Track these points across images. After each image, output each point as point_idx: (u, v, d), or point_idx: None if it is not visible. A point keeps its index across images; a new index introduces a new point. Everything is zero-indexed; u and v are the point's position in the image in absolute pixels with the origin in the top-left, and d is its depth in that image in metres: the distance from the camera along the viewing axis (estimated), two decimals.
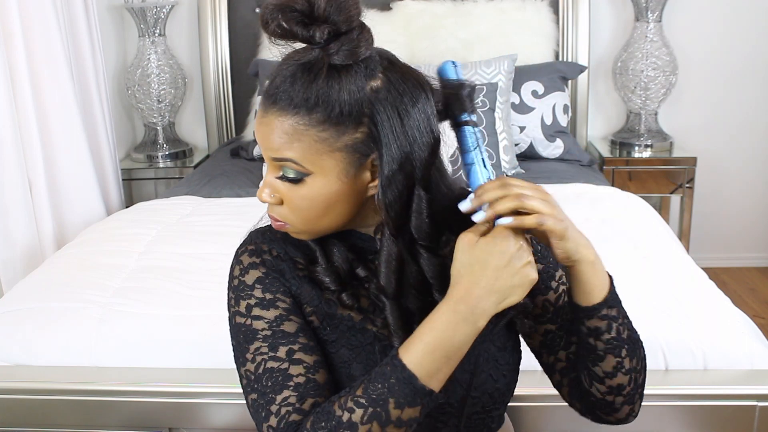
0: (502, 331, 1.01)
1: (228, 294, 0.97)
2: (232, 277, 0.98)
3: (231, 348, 0.96)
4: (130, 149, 3.30)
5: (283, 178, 0.90)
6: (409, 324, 0.90)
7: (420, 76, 0.90)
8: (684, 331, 1.50)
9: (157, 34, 3.12)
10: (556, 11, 3.06)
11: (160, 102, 3.16)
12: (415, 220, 0.89)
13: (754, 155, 3.29)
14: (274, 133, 0.87)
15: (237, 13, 3.21)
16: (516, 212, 0.85)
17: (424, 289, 0.92)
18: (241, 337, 0.93)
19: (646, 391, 1.43)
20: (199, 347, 1.55)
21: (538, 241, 1.02)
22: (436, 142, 0.89)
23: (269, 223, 1.01)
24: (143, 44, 3.13)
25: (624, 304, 1.18)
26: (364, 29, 0.86)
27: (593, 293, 0.93)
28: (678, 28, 3.13)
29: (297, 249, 0.98)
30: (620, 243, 1.88)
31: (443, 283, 0.89)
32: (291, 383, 0.89)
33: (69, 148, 2.48)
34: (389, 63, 0.89)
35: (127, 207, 2.62)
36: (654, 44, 2.99)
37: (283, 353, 0.90)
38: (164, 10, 3.09)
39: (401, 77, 0.88)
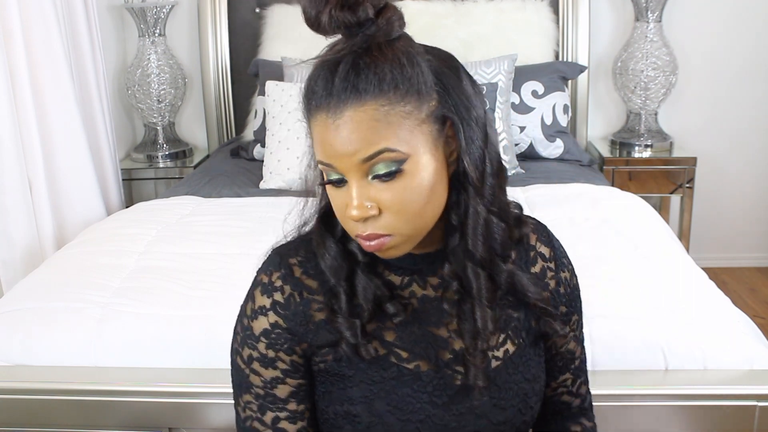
0: (534, 361, 0.99)
1: (236, 325, 0.97)
2: (243, 313, 0.96)
3: (230, 349, 0.98)
4: (130, 149, 3.30)
5: (377, 178, 0.83)
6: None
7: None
8: (684, 331, 1.50)
9: (157, 34, 3.12)
10: (556, 11, 3.06)
11: (160, 102, 3.16)
12: (489, 181, 0.89)
13: (754, 155, 3.29)
14: (359, 128, 0.81)
15: (237, 13, 3.21)
16: None
17: (505, 258, 0.92)
18: (238, 380, 0.96)
19: (646, 392, 1.44)
20: (199, 347, 1.55)
21: (569, 282, 1.03)
22: (485, 105, 0.90)
23: (290, 239, 0.97)
24: (143, 44, 3.13)
25: (624, 304, 1.20)
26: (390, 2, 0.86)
27: None
28: (678, 28, 3.13)
29: (316, 283, 0.93)
30: (620, 243, 1.88)
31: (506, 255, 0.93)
32: None
33: (69, 148, 2.48)
34: None
35: (127, 207, 2.62)
36: (654, 44, 2.99)
37: (269, 419, 0.94)
38: (164, 10, 3.10)
39: (427, 45, 0.90)
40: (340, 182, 0.85)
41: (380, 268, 0.94)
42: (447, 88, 0.86)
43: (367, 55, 0.81)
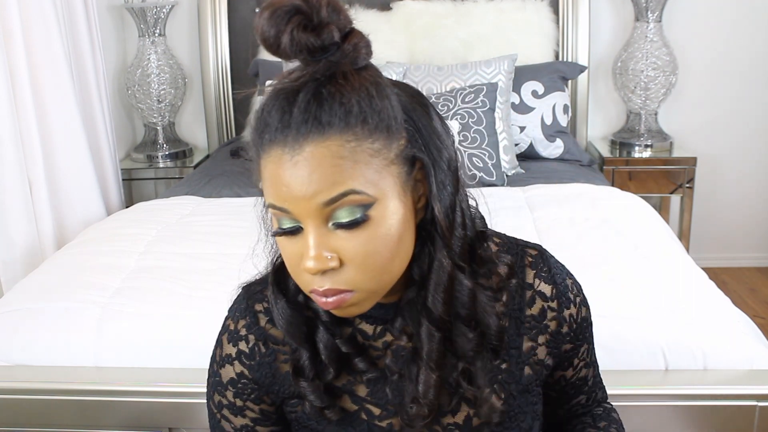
0: (526, 409, 0.91)
1: (209, 367, 0.94)
2: (213, 357, 0.93)
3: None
4: (130, 149, 3.30)
5: (338, 226, 0.73)
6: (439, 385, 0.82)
7: None
8: (684, 331, 1.50)
9: (157, 34, 3.12)
10: (556, 11, 3.06)
11: (160, 102, 3.16)
12: (459, 232, 0.80)
13: (754, 155, 3.29)
14: (321, 166, 0.70)
15: (237, 13, 3.21)
16: None
17: (469, 323, 0.82)
18: (212, 422, 0.95)
19: (646, 392, 1.43)
20: (199, 347, 1.54)
21: (575, 318, 0.93)
22: (455, 146, 0.82)
23: (259, 276, 0.92)
24: (143, 44, 3.13)
25: (624, 304, 1.15)
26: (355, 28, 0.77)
27: None
28: (678, 28, 3.13)
29: (281, 333, 0.87)
30: (620, 243, 1.88)
31: (473, 319, 0.82)
32: None
33: (69, 148, 2.48)
34: None
35: (127, 207, 2.62)
36: (654, 44, 2.99)
37: None
38: (164, 10, 3.10)
39: (393, 79, 0.83)
40: (295, 231, 0.74)
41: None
42: (417, 126, 0.78)
43: (331, 83, 0.72)
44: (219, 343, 0.92)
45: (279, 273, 0.86)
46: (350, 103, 0.72)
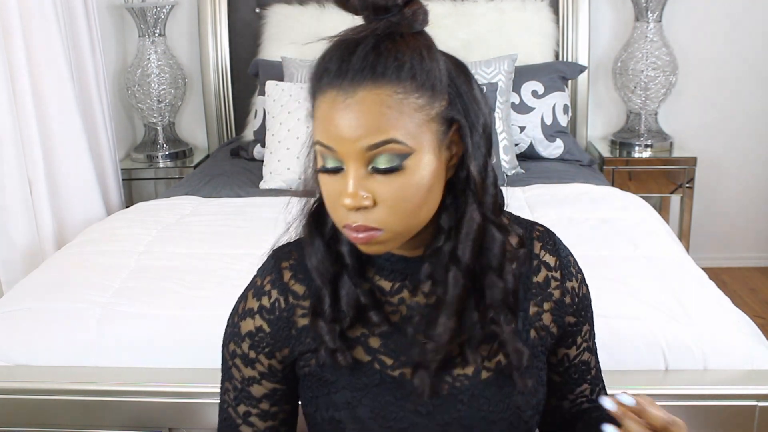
0: (530, 372, 0.94)
1: (229, 318, 0.99)
2: (236, 310, 0.98)
3: (223, 335, 1.02)
4: (130, 149, 3.30)
5: (376, 170, 0.80)
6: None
7: None
8: (684, 331, 1.50)
9: (157, 34, 3.12)
10: (556, 11, 3.06)
11: (160, 102, 3.16)
12: (491, 190, 0.88)
13: (754, 155, 3.30)
14: (370, 111, 0.78)
15: (237, 13, 3.21)
16: None
17: (500, 272, 0.89)
18: (224, 367, 1.00)
19: (646, 392, 1.43)
20: (199, 347, 1.55)
21: (576, 291, 0.99)
22: (491, 112, 0.90)
23: (291, 240, 0.96)
24: (143, 44, 3.13)
25: (624, 304, 1.15)
26: None
27: None
28: (678, 28, 3.13)
29: (303, 288, 0.93)
30: (620, 243, 1.88)
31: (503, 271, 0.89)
32: None
33: (69, 148, 2.48)
34: None
35: (127, 207, 2.62)
36: (654, 44, 2.99)
37: (241, 411, 0.98)
38: (164, 10, 3.10)
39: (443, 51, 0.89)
40: (337, 171, 0.82)
41: (370, 273, 0.93)
42: (459, 92, 0.85)
43: (389, 40, 0.80)
44: (243, 298, 0.97)
45: (316, 215, 0.92)
46: (403, 60, 0.79)
